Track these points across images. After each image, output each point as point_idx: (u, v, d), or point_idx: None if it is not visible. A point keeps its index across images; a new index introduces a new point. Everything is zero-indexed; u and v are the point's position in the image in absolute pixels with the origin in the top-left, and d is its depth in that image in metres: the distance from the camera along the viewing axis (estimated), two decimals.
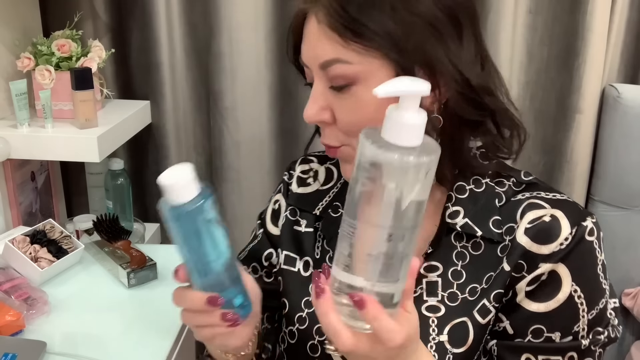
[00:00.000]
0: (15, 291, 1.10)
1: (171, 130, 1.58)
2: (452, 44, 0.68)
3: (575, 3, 1.40)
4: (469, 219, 0.73)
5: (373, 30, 0.65)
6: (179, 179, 0.54)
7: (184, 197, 0.55)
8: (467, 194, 0.75)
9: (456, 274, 0.74)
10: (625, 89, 1.42)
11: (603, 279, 0.72)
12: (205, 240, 0.58)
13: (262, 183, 1.57)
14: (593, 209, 1.52)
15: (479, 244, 0.74)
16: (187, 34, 1.51)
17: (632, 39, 1.47)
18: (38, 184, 1.44)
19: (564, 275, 0.70)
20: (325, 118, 0.72)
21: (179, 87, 1.55)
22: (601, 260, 0.72)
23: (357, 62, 0.67)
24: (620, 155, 1.45)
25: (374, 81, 0.67)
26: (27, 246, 1.18)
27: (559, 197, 0.73)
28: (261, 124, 1.52)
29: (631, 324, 1.58)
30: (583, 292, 0.70)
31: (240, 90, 1.49)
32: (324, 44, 0.68)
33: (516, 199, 0.74)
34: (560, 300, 0.70)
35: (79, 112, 1.26)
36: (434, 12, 0.66)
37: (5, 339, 0.99)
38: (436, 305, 0.74)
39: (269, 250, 0.91)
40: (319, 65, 0.69)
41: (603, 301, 0.72)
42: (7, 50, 1.32)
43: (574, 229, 0.70)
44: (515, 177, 0.76)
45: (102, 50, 1.36)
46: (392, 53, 0.66)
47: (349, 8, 0.66)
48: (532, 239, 0.70)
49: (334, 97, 0.70)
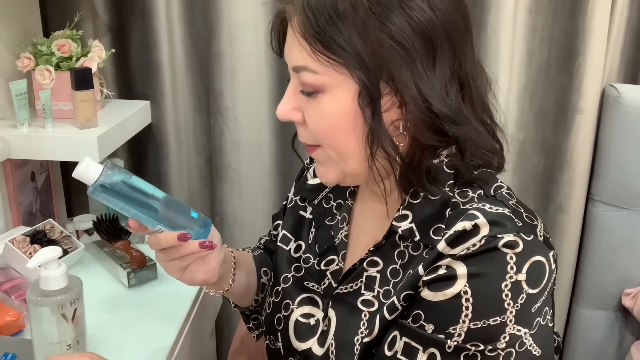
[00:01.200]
0: (15, 291, 1.10)
1: (171, 130, 1.58)
2: (422, 67, 0.67)
3: (575, 3, 1.40)
4: (415, 225, 0.74)
5: (340, 44, 0.66)
6: (83, 167, 0.71)
7: (94, 176, 0.71)
8: (419, 199, 0.74)
9: (394, 272, 0.76)
10: (625, 89, 1.42)
11: (509, 298, 0.66)
12: (133, 191, 0.74)
13: (262, 183, 1.57)
14: (593, 209, 1.53)
15: (419, 245, 0.74)
16: (187, 34, 1.51)
17: (632, 39, 1.47)
18: (38, 184, 1.43)
19: (460, 274, 0.67)
20: (296, 118, 0.74)
21: (179, 87, 1.55)
22: (514, 279, 0.66)
23: (323, 72, 0.68)
24: (620, 155, 1.45)
25: (340, 92, 0.68)
26: (27, 246, 1.18)
27: (500, 211, 0.69)
28: (261, 124, 1.52)
29: (631, 324, 1.58)
30: (473, 298, 0.66)
31: (240, 90, 1.48)
32: (295, 49, 0.70)
33: (464, 208, 0.71)
34: (447, 295, 0.67)
35: (79, 112, 1.26)
36: (405, 32, 0.65)
37: (5, 339, 0.99)
38: (370, 300, 0.77)
39: (278, 222, 1.01)
40: (292, 68, 0.71)
41: (497, 319, 0.66)
42: (7, 50, 1.32)
43: (486, 238, 0.66)
44: (485, 190, 0.73)
45: (102, 50, 1.36)
46: (356, 70, 0.66)
47: (319, 19, 0.66)
48: (448, 244, 0.69)
49: (305, 101, 0.72)
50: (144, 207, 0.75)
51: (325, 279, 0.84)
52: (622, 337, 1.60)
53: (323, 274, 0.84)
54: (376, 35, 0.65)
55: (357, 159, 0.72)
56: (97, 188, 0.72)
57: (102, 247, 1.31)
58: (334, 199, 0.89)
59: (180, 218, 0.77)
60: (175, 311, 1.11)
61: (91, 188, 0.72)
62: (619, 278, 1.53)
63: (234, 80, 1.47)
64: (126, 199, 0.74)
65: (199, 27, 1.50)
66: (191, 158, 1.63)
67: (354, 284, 0.79)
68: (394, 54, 0.66)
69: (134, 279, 1.19)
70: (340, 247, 0.84)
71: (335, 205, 0.88)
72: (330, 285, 0.83)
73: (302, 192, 0.95)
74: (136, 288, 1.19)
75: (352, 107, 0.68)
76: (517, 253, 0.66)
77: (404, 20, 0.65)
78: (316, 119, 0.71)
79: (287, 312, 0.85)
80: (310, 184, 0.94)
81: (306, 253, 0.88)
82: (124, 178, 0.74)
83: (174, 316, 1.10)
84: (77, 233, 1.43)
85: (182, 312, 1.11)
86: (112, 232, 1.31)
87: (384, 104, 0.68)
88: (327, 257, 0.85)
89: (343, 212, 0.86)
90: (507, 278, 0.66)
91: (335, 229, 0.86)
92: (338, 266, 0.83)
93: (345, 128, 0.70)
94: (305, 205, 0.93)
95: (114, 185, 0.73)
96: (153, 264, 1.21)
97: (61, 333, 0.83)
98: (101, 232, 1.32)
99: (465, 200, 0.72)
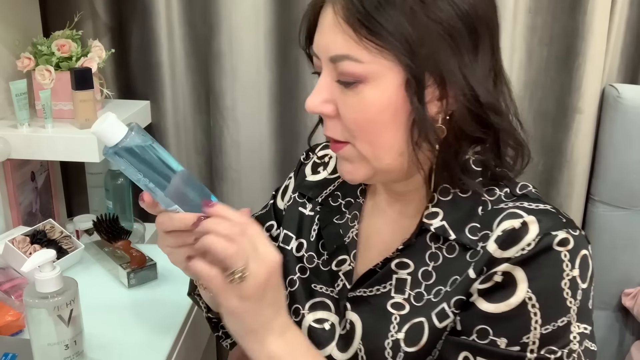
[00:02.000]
0: (15, 291, 1.10)
1: (171, 130, 1.58)
2: (467, 57, 0.66)
3: (575, 3, 1.40)
4: (446, 222, 0.72)
5: (388, 30, 0.63)
6: (108, 124, 0.64)
7: (118, 136, 0.64)
8: (450, 197, 0.73)
9: (426, 274, 0.74)
10: (625, 89, 1.42)
11: (569, 296, 0.66)
12: (155, 161, 0.65)
13: (262, 183, 1.57)
14: (593, 209, 1.53)
15: (453, 247, 0.72)
16: (187, 34, 1.51)
17: (632, 39, 1.47)
18: (38, 184, 1.44)
19: (520, 279, 0.66)
20: (328, 111, 0.71)
21: (179, 87, 1.55)
22: (571, 276, 0.66)
23: (368, 61, 0.65)
24: (620, 155, 1.45)
25: (383, 82, 0.66)
26: (27, 246, 1.18)
27: (541, 207, 0.69)
28: (261, 124, 1.52)
29: (631, 324, 1.58)
30: (539, 303, 0.65)
31: (240, 90, 1.49)
32: (336, 37, 0.66)
33: (498, 207, 0.71)
34: (511, 304, 0.66)
35: (79, 112, 1.26)
36: (453, 21, 0.64)
37: (5, 339, 0.99)
38: (401, 303, 0.74)
39: (271, 222, 0.95)
40: (329, 58, 0.68)
41: (564, 320, 0.66)
42: (7, 50, 1.33)
43: (539, 236, 0.66)
44: (511, 188, 0.74)
45: (102, 50, 1.36)
46: (404, 57, 0.64)
47: (367, 4, 0.64)
48: (499, 245, 0.67)
49: (340, 92, 0.69)
50: (162, 181, 0.66)
51: (339, 281, 0.80)
52: (622, 337, 1.60)
53: (335, 275, 0.81)
54: (425, 22, 0.63)
55: (392, 153, 0.69)
56: (120, 151, 0.64)
57: (102, 247, 1.31)
58: (342, 197, 0.86)
59: (200, 200, 0.70)
60: (176, 311, 1.12)
61: (111, 149, 0.64)
62: (619, 278, 1.52)
63: (234, 80, 1.47)
64: (146, 168, 0.65)
65: (199, 27, 1.50)
66: (191, 158, 1.63)
67: (381, 286, 0.76)
68: (442, 42, 0.64)
69: (134, 279, 1.19)
70: (351, 247, 0.81)
71: (344, 204, 0.85)
72: (345, 287, 0.79)
73: (302, 188, 0.92)
74: (136, 288, 1.19)
75: (394, 97, 0.66)
76: (569, 250, 0.66)
77: (450, 9, 0.64)
78: (354, 111, 0.68)
79: (298, 318, 0.82)
80: (311, 181, 0.92)
81: (309, 251, 0.86)
82: (148, 144, 0.65)
83: (174, 316, 1.10)
84: (77, 233, 1.43)
85: (182, 312, 1.11)
86: (112, 232, 1.31)
87: (427, 96, 0.66)
88: (337, 257, 0.82)
89: (354, 210, 0.83)
90: (564, 276, 0.65)
91: (345, 228, 0.83)
92: (350, 266, 0.80)
93: (384, 120, 0.67)
94: (304, 202, 0.90)
95: (137, 150, 0.64)
96: (153, 264, 1.21)
97: (59, 334, 0.84)
98: (101, 232, 1.32)
99: (494, 199, 0.72)
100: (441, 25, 0.64)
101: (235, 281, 0.63)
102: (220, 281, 0.64)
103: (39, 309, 0.82)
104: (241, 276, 0.63)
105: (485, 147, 0.72)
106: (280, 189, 0.97)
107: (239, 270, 0.63)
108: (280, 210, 0.95)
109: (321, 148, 0.94)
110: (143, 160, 0.65)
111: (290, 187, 0.95)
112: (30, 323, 0.84)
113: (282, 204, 0.95)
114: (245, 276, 0.63)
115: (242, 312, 0.66)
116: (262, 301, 0.66)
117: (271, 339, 0.68)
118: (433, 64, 0.65)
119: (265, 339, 0.68)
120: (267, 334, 0.68)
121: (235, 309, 0.66)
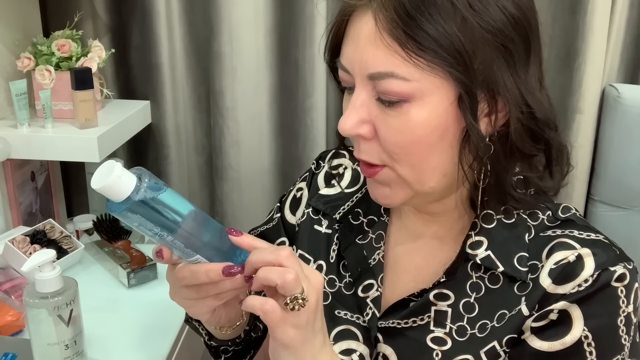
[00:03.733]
0: (15, 291, 1.10)
1: (171, 130, 1.58)
2: (521, 69, 0.61)
3: (575, 3, 1.40)
4: (492, 252, 0.67)
5: (441, 43, 0.57)
6: (114, 177, 0.52)
7: (128, 188, 0.53)
8: (494, 224, 0.68)
9: (468, 307, 0.68)
10: (625, 89, 1.42)
11: (624, 333, 0.64)
12: (169, 209, 0.56)
13: (262, 183, 1.57)
14: (593, 209, 1.52)
15: (497, 277, 0.68)
16: (187, 34, 1.51)
17: (632, 39, 1.47)
18: (38, 184, 1.44)
19: (575, 317, 0.63)
20: (364, 132, 0.63)
21: (179, 87, 1.55)
22: (626, 312, 0.63)
23: (416, 79, 0.59)
24: (620, 155, 1.45)
25: (431, 100, 0.60)
26: (27, 246, 1.18)
27: (593, 237, 0.66)
28: (261, 123, 1.52)
29: None
30: (595, 341, 0.63)
31: (240, 90, 1.48)
32: (378, 52, 0.59)
33: (545, 234, 0.67)
34: (566, 343, 0.63)
35: (79, 112, 1.26)
36: (507, 31, 0.59)
37: (5, 339, 0.99)
38: (442, 338, 0.69)
39: (282, 239, 0.87)
40: (368, 75, 0.61)
41: (618, 357, 0.64)
42: (7, 50, 1.32)
43: (597, 271, 0.63)
44: (552, 211, 0.69)
45: (102, 50, 1.36)
46: (456, 71, 0.58)
47: (415, 14, 0.57)
48: (553, 280, 0.64)
49: (379, 111, 0.62)
50: (180, 230, 0.57)
51: (368, 309, 0.74)
52: None
53: (362, 302, 0.74)
54: (478, 32, 0.58)
55: (437, 176, 0.64)
56: (133, 206, 0.53)
57: (102, 247, 1.31)
58: (364, 214, 0.79)
59: (222, 243, 0.61)
60: (176, 311, 1.11)
61: (123, 205, 0.53)
62: None
63: (234, 80, 1.47)
64: (164, 220, 0.56)
65: (199, 27, 1.50)
66: (191, 158, 1.63)
67: (418, 318, 0.70)
68: (497, 53, 0.59)
69: (134, 279, 1.19)
70: (378, 270, 0.74)
71: (367, 222, 0.78)
72: (375, 316, 0.73)
73: (316, 203, 0.83)
74: (136, 288, 1.19)
75: (444, 116, 0.60)
76: (625, 285, 0.64)
77: (503, 17, 0.59)
78: (398, 133, 0.61)
79: None
80: (325, 195, 0.84)
81: (329, 274, 0.79)
82: (163, 192, 0.56)
83: (174, 316, 1.10)
84: (77, 233, 1.43)
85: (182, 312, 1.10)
86: (112, 232, 1.31)
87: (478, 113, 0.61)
88: (363, 282, 0.75)
89: (378, 230, 0.76)
90: (620, 313, 0.64)
91: (369, 249, 0.76)
92: (378, 292, 0.73)
93: (431, 141, 0.61)
94: (319, 218, 0.82)
95: (153, 203, 0.55)
96: (153, 264, 1.21)
97: (59, 334, 0.84)
98: (101, 232, 1.32)
99: (537, 224, 0.68)
100: (495, 35, 0.59)
101: (296, 308, 0.57)
102: (279, 313, 0.57)
103: (39, 309, 0.82)
104: (302, 302, 0.57)
105: (528, 164, 0.67)
106: (287, 200, 0.89)
107: (300, 296, 0.57)
108: (291, 226, 0.87)
109: (331, 157, 0.87)
110: (159, 212, 0.55)
111: (303, 201, 0.86)
112: (30, 323, 0.84)
113: (294, 218, 0.87)
114: (306, 301, 0.57)
115: (297, 343, 0.59)
116: (314, 328, 0.60)
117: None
118: (486, 78, 0.59)
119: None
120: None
121: (291, 341, 0.59)
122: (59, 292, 0.83)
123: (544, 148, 0.66)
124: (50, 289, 0.83)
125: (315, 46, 1.42)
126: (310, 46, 1.43)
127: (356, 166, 0.85)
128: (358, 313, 0.75)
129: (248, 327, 0.81)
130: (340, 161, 0.86)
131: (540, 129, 0.63)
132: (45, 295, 0.82)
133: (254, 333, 0.85)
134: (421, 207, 0.73)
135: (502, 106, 0.62)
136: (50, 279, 0.82)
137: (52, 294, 0.83)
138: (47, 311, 0.82)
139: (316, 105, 1.45)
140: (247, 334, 0.83)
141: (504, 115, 0.63)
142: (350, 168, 0.85)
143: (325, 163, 0.87)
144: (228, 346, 0.84)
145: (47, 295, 0.82)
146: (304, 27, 1.42)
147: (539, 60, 0.64)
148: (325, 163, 0.87)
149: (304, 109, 1.47)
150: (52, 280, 0.82)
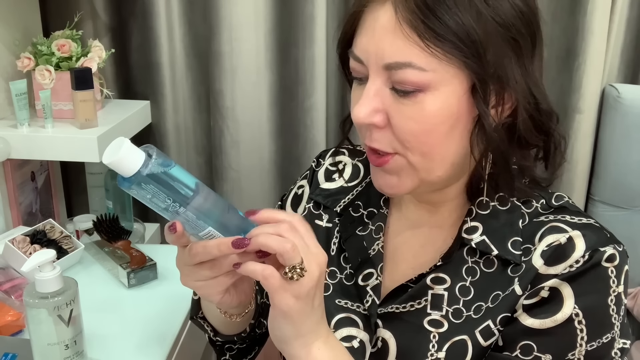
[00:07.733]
0: (15, 291, 1.10)
1: (171, 130, 1.58)
2: (527, 62, 0.64)
3: (575, 3, 1.40)
4: (487, 237, 0.70)
5: (457, 34, 0.59)
6: (124, 151, 0.55)
7: (136, 164, 0.55)
8: (489, 210, 0.71)
9: (464, 290, 0.71)
10: (625, 89, 1.42)
11: (614, 312, 0.65)
12: (179, 181, 0.58)
13: (262, 183, 1.57)
14: (593, 209, 1.52)
15: (492, 261, 0.70)
16: (187, 34, 1.51)
17: (632, 39, 1.47)
18: (38, 184, 1.44)
19: (566, 295, 0.65)
20: (377, 121, 0.65)
21: (179, 87, 1.55)
22: (617, 292, 0.65)
23: (432, 69, 0.61)
24: (620, 155, 1.45)
25: (445, 90, 0.62)
26: (27, 246, 1.18)
27: (584, 221, 0.68)
28: (261, 124, 1.52)
29: (631, 324, 1.57)
30: (586, 319, 0.64)
31: (240, 90, 1.49)
32: (396, 42, 0.61)
33: (538, 220, 0.70)
34: (557, 320, 0.65)
35: (79, 112, 1.26)
36: (518, 25, 0.62)
37: (5, 339, 0.99)
38: (439, 320, 0.71)
39: None
40: (384, 65, 0.63)
41: (608, 336, 0.65)
42: (7, 50, 1.33)
43: (588, 252, 0.65)
44: (546, 199, 0.72)
45: (102, 50, 1.37)
46: (471, 62, 0.60)
47: (435, 6, 0.59)
48: (545, 261, 0.66)
49: (393, 101, 0.64)
50: (190, 202, 0.58)
51: (367, 297, 0.76)
52: None
53: (363, 291, 0.77)
54: (491, 25, 0.60)
55: (445, 164, 0.66)
56: (144, 179, 0.55)
57: (102, 247, 1.31)
58: (364, 206, 0.81)
59: (230, 217, 0.62)
60: (176, 311, 1.11)
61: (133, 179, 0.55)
62: None
63: (234, 80, 1.48)
64: (174, 193, 0.57)
65: (199, 27, 1.50)
66: (191, 158, 1.63)
67: (415, 302, 0.73)
68: (508, 46, 0.62)
69: (134, 279, 1.19)
70: (377, 260, 0.77)
71: (367, 214, 0.81)
72: (374, 303, 0.75)
73: (317, 197, 0.85)
74: (136, 288, 1.19)
75: (457, 106, 0.63)
76: (615, 266, 0.65)
77: (513, 12, 0.62)
78: (412, 121, 0.63)
79: None
80: (326, 189, 0.86)
81: (330, 266, 0.80)
82: (169, 167, 0.57)
83: (174, 316, 1.10)
84: (77, 233, 1.43)
85: (182, 312, 1.11)
86: (112, 232, 1.31)
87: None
88: (363, 271, 0.77)
89: (377, 222, 0.79)
90: (611, 292, 0.65)
91: (369, 240, 0.78)
92: (377, 280, 0.76)
93: (444, 130, 0.64)
94: (320, 213, 0.85)
95: (163, 176, 0.56)
96: (153, 264, 1.21)
97: (59, 334, 0.84)
98: (101, 232, 1.32)
99: (531, 211, 0.71)
100: (507, 29, 0.61)
101: (295, 277, 0.59)
102: (278, 279, 0.59)
103: (39, 309, 0.82)
104: (301, 272, 0.59)
105: (527, 154, 0.70)
106: (289, 198, 0.91)
107: (299, 266, 0.59)
108: None
109: (330, 155, 0.89)
110: (169, 186, 0.57)
111: (304, 196, 0.88)
112: (30, 323, 0.84)
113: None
114: (305, 272, 0.60)
115: (295, 313, 0.62)
116: (313, 301, 0.62)
117: (318, 345, 0.65)
118: (497, 69, 0.62)
119: (313, 345, 0.65)
120: (314, 339, 0.65)
121: (290, 310, 0.61)
122: (59, 292, 0.83)
123: (544, 138, 0.69)
124: (50, 289, 0.82)
125: (315, 46, 1.42)
126: (310, 46, 1.43)
127: (356, 162, 0.87)
128: (358, 301, 0.77)
129: (253, 320, 0.83)
130: (340, 158, 0.89)
131: (544, 120, 0.67)
132: (45, 295, 0.82)
133: (258, 329, 0.86)
134: (422, 197, 0.76)
135: (508, 98, 0.65)
136: (50, 279, 0.82)
137: (52, 294, 0.83)
138: (47, 311, 0.82)
139: (316, 105, 1.46)
140: (252, 329, 0.84)
141: (509, 107, 0.65)
142: (350, 164, 0.87)
143: (326, 160, 0.89)
144: (233, 343, 0.86)
145: (47, 295, 0.82)
146: (304, 27, 1.42)
147: (540, 56, 0.67)
148: (325, 160, 0.90)
149: (304, 109, 1.47)
150: (52, 280, 0.82)
